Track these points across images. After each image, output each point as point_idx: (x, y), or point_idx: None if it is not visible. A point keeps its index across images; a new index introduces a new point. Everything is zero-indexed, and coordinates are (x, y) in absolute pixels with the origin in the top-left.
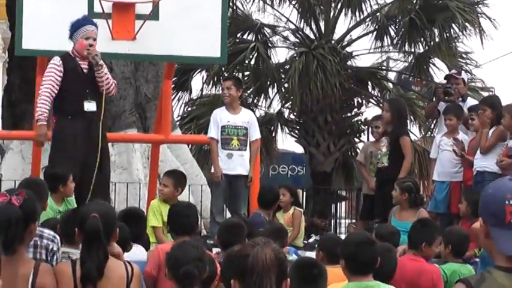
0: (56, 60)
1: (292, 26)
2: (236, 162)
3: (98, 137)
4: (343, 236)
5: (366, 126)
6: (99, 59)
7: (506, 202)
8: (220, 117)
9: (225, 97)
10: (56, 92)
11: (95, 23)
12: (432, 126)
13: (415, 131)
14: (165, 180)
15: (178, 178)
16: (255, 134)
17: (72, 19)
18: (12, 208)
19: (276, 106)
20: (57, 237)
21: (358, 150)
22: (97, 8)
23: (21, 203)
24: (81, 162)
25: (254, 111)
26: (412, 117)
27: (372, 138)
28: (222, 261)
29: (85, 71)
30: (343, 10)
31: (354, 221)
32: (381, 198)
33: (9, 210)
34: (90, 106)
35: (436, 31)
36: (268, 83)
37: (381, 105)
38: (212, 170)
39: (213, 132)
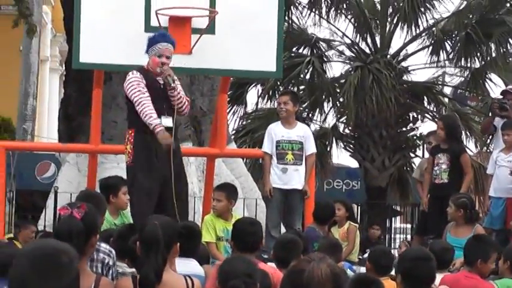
0: (135, 73)
1: (348, 40)
2: (291, 177)
3: (175, 152)
4: (395, 252)
5: (421, 142)
6: (172, 81)
7: None
8: (275, 132)
9: (281, 112)
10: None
11: (172, 40)
12: (488, 141)
13: (471, 146)
14: (217, 195)
15: (230, 191)
16: (311, 148)
17: (132, 32)
18: (74, 221)
19: (331, 120)
20: (113, 251)
21: (413, 165)
22: (154, 22)
23: (82, 215)
24: (163, 178)
25: (309, 126)
26: (468, 132)
27: (427, 154)
28: (282, 278)
29: (161, 86)
30: (399, 24)
31: (407, 237)
32: (436, 214)
33: (71, 223)
34: (167, 122)
35: (492, 46)
36: (324, 97)
37: (436, 120)
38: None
39: (267, 146)
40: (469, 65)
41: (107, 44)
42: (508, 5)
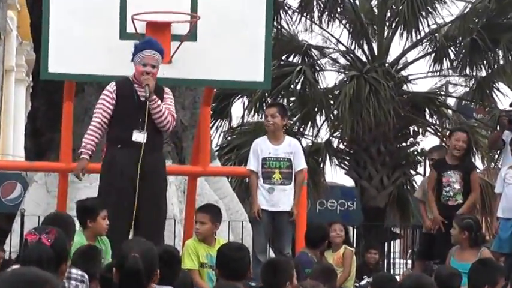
0: (110, 86)
1: (342, 48)
2: (278, 198)
3: (151, 169)
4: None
5: (423, 158)
6: (148, 92)
7: None
8: (261, 148)
9: (268, 125)
10: (107, 121)
11: (160, 47)
12: (496, 157)
13: (477, 163)
14: (200, 217)
15: (214, 212)
16: (300, 163)
17: (106, 40)
18: (43, 248)
19: (324, 135)
20: (86, 276)
21: (414, 183)
22: (130, 28)
23: (52, 242)
24: (133, 195)
25: (300, 141)
26: (474, 147)
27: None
28: None
29: (142, 99)
30: (398, 30)
31: (408, 262)
32: (446, 237)
33: (40, 250)
34: (138, 137)
35: (500, 53)
36: (316, 109)
37: (439, 134)
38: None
39: (253, 164)
40: (474, 73)
41: (78, 53)
42: None
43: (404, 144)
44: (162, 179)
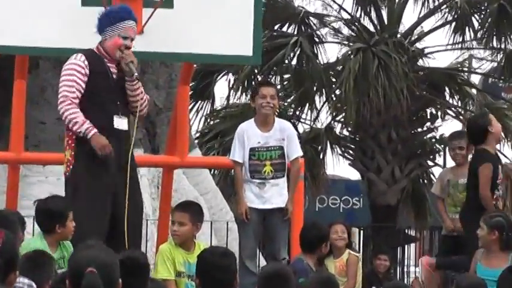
0: (79, 58)
1: (346, 16)
2: (270, 193)
3: (126, 161)
4: None
5: (442, 146)
6: (135, 69)
7: None
8: (248, 135)
9: (267, 108)
10: (79, 99)
11: (136, 17)
12: None
13: (506, 151)
14: (178, 216)
15: (194, 211)
16: (295, 150)
17: (65, 6)
18: None
19: (324, 119)
20: (34, 285)
21: (432, 176)
22: None
23: None
24: (113, 195)
25: (296, 126)
26: (502, 133)
27: (450, 163)
28: None
29: (115, 76)
30: None
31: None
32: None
33: None
34: (121, 123)
35: None
36: (315, 89)
37: (462, 117)
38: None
39: (238, 154)
40: (503, 46)
41: (31, 22)
42: None
43: (419, 129)
44: (136, 171)
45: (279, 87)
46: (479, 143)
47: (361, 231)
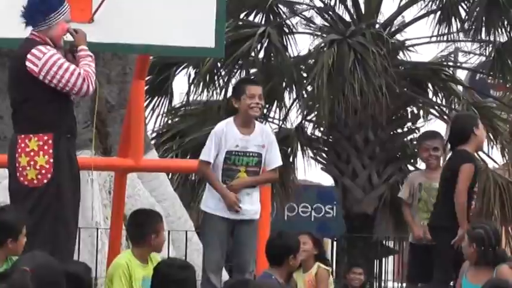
0: (50, 48)
1: (319, 3)
2: (241, 203)
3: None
4: None
5: None
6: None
7: None
8: (227, 137)
9: (254, 109)
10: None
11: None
12: None
13: (495, 156)
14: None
15: (152, 219)
16: (275, 160)
17: None
18: None
19: (294, 118)
20: None
21: None
22: None
23: None
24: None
25: None
26: (491, 134)
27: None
28: None
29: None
30: None
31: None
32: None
33: None
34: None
35: None
36: (284, 85)
37: (446, 117)
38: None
39: (210, 154)
40: (492, 38)
41: None
42: None
43: (399, 130)
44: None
45: None
46: (460, 144)
47: (335, 243)
